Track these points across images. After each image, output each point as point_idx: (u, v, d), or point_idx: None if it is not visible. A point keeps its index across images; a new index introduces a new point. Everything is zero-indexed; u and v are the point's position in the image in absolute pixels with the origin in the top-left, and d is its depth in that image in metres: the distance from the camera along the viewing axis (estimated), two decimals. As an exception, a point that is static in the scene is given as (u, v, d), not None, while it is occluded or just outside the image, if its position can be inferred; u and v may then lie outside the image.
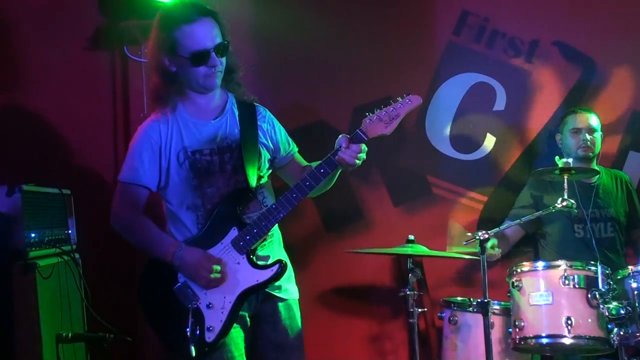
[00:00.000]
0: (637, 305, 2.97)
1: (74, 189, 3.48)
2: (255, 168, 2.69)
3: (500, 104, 3.99)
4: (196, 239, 2.67)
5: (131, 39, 3.88)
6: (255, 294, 2.68)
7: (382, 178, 4.00)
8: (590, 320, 3.01)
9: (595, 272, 3.05)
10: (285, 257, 2.81)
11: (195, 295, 2.61)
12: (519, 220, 3.36)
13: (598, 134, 3.74)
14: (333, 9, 3.97)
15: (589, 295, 3.02)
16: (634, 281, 3.00)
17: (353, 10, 3.98)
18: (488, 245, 3.17)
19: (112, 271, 3.83)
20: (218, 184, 2.67)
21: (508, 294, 3.24)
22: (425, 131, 4.00)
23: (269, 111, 2.86)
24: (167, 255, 2.63)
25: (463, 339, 3.35)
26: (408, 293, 3.38)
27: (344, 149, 2.56)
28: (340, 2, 4.00)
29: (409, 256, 3.41)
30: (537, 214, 3.33)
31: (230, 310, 2.60)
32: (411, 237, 3.53)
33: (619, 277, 3.09)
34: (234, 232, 2.63)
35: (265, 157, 2.77)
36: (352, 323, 3.96)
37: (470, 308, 3.34)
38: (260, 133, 2.75)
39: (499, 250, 3.55)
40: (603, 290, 3.01)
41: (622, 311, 2.94)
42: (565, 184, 3.20)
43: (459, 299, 3.47)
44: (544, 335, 3.04)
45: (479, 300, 3.15)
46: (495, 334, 3.25)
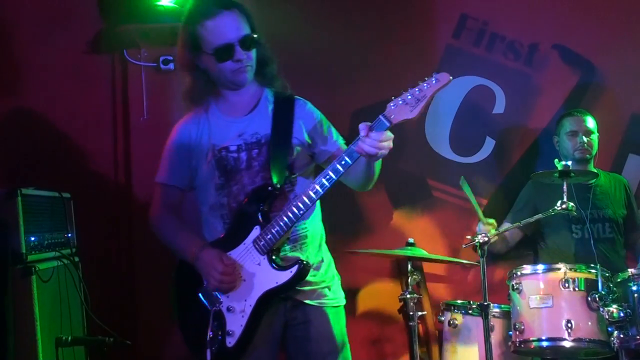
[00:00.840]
0: (637, 308, 2.97)
1: (74, 192, 3.47)
2: (283, 164, 2.55)
3: (499, 107, 3.99)
4: (220, 240, 2.58)
5: (131, 42, 3.89)
6: (279, 297, 2.53)
7: (382, 181, 3.98)
8: (590, 323, 3.01)
9: (596, 275, 3.06)
10: (327, 262, 2.67)
11: (217, 297, 2.52)
12: (518, 222, 3.36)
13: (595, 136, 3.74)
14: (331, 14, 3.96)
15: (589, 298, 3.03)
16: (634, 284, 3.01)
17: (351, 14, 3.98)
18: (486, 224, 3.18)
19: (112, 275, 3.83)
20: (243, 182, 2.57)
21: (508, 297, 3.24)
22: (425, 134, 4.00)
23: (310, 103, 2.71)
24: (190, 256, 2.56)
25: (463, 342, 3.35)
26: (408, 296, 3.38)
27: (363, 137, 2.33)
28: (338, 7, 4.00)
29: (409, 259, 3.41)
30: (537, 216, 3.33)
31: (251, 315, 2.47)
32: (411, 240, 3.54)
33: (619, 280, 3.09)
34: (256, 232, 2.50)
35: (300, 153, 2.61)
36: (352, 326, 3.92)
37: (471, 311, 3.34)
38: (294, 128, 2.60)
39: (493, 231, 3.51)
40: (603, 293, 3.01)
41: (622, 314, 2.94)
42: (565, 186, 3.20)
43: (459, 302, 3.47)
44: (544, 338, 3.05)
45: (479, 303, 3.15)
46: (495, 337, 3.25)
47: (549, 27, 3.97)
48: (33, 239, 3.07)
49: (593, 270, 3.08)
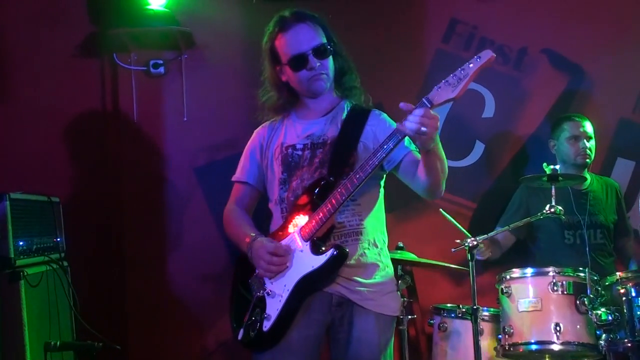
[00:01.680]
0: (625, 311, 2.98)
1: (63, 196, 3.47)
2: (343, 163, 2.59)
3: (489, 111, 4.00)
4: (275, 231, 2.67)
5: (121, 46, 3.89)
6: (319, 285, 2.54)
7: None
8: (578, 326, 3.03)
9: (584, 279, 3.07)
10: (384, 268, 2.65)
11: (263, 284, 2.60)
12: (507, 226, 3.37)
13: (593, 141, 3.74)
14: (322, 18, 3.96)
15: (578, 302, 3.04)
16: (622, 287, 3.02)
17: (342, 19, 3.98)
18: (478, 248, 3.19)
19: (101, 279, 3.81)
20: (303, 177, 2.64)
21: (497, 301, 3.25)
22: (415, 138, 4.00)
23: (385, 114, 2.73)
24: (244, 246, 2.64)
25: (453, 345, 3.36)
26: (398, 300, 3.38)
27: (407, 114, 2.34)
28: (327, 12, 3.99)
29: (398, 262, 3.41)
30: (525, 220, 3.33)
31: (287, 299, 2.52)
32: (400, 244, 3.54)
33: (607, 284, 3.11)
34: (303, 220, 2.58)
35: (363, 154, 2.59)
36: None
37: (460, 315, 3.35)
38: (364, 133, 2.64)
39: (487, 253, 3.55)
40: (591, 296, 3.02)
41: (611, 317, 2.95)
42: (553, 190, 3.21)
43: (449, 305, 3.48)
44: (532, 341, 3.06)
45: (469, 306, 3.16)
46: (485, 340, 3.26)
47: (538, 32, 3.98)
48: (21, 243, 3.06)
49: (582, 274, 3.09)
